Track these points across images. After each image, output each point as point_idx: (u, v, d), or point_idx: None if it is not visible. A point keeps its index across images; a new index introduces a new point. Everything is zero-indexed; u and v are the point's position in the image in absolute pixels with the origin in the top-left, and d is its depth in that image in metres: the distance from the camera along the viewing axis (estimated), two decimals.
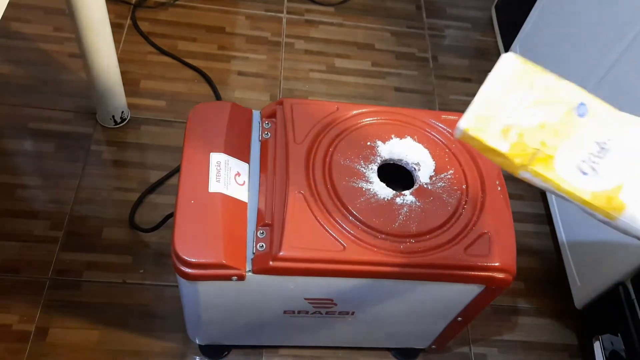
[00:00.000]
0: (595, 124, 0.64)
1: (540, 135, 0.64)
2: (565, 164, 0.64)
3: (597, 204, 0.64)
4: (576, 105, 0.64)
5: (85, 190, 1.47)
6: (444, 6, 2.12)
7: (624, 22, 1.26)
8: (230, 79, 1.76)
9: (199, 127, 0.99)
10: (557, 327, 1.45)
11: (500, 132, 0.64)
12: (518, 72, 0.65)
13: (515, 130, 0.64)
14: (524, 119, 0.64)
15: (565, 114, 0.64)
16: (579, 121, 0.64)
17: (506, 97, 0.65)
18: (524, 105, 0.64)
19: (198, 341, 1.21)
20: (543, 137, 0.64)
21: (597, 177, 0.64)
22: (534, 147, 0.64)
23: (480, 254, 0.91)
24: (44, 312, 1.28)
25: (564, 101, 0.65)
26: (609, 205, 0.63)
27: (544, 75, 0.66)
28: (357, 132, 1.00)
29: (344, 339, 1.24)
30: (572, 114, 0.64)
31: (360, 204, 0.91)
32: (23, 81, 1.64)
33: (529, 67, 0.66)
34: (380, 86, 1.84)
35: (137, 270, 1.36)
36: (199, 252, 0.86)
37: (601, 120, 0.64)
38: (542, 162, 0.64)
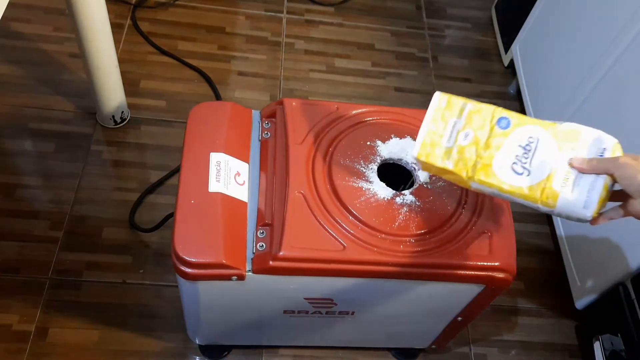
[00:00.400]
0: (517, 132, 0.77)
1: (475, 150, 0.78)
2: (502, 169, 0.76)
3: (535, 197, 0.74)
4: (498, 120, 0.78)
5: (85, 190, 1.47)
6: (444, 6, 2.12)
7: (624, 22, 1.26)
8: (230, 79, 1.76)
9: (199, 127, 0.99)
10: (557, 327, 1.45)
11: (443, 154, 0.80)
12: (446, 104, 0.82)
13: (455, 150, 0.79)
14: (460, 140, 0.79)
15: (491, 129, 0.78)
16: (503, 132, 0.78)
17: (443, 126, 0.81)
18: (457, 128, 0.80)
19: (198, 341, 1.21)
20: (478, 151, 0.78)
21: (529, 174, 0.75)
22: (472, 160, 0.78)
23: (480, 254, 0.91)
24: (44, 312, 1.28)
25: (488, 119, 0.79)
26: (545, 196, 0.74)
27: (467, 103, 0.81)
28: (357, 132, 1.00)
29: (344, 339, 1.24)
30: (495, 127, 0.78)
31: (360, 203, 0.91)
32: (23, 81, 1.64)
33: (454, 99, 0.82)
34: (380, 86, 1.84)
35: (137, 270, 1.36)
36: (199, 252, 0.86)
37: (521, 128, 0.77)
38: (483, 171, 0.77)
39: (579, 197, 0.73)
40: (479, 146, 0.78)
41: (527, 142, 0.76)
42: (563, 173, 0.74)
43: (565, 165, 0.74)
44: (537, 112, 1.63)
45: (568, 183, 0.73)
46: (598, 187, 0.72)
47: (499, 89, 1.91)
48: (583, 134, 0.75)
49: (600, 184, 0.72)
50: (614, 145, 0.74)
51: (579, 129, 0.76)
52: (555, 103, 1.52)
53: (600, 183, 0.72)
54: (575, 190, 0.73)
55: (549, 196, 0.74)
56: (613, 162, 0.70)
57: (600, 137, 0.75)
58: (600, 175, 0.72)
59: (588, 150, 0.74)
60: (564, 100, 1.47)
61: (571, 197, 0.73)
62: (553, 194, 0.73)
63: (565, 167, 0.74)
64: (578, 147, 0.74)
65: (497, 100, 1.87)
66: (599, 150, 0.74)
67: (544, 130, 0.76)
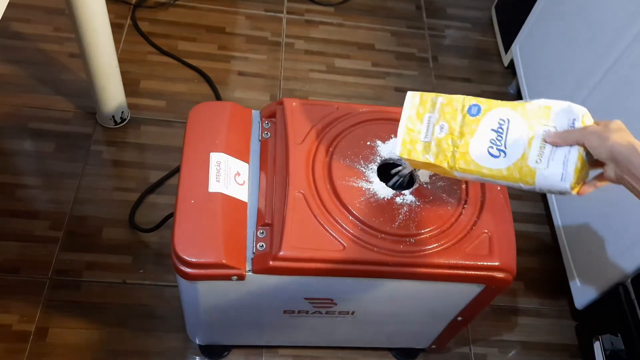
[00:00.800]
0: (488, 116, 0.79)
1: (452, 140, 0.81)
2: (479, 154, 0.79)
3: (514, 177, 0.76)
4: (467, 108, 0.81)
5: (85, 190, 1.47)
6: (444, 6, 2.12)
7: (623, 22, 1.26)
8: (230, 79, 1.76)
9: (199, 127, 0.99)
10: (557, 327, 1.45)
11: (423, 149, 0.83)
12: (419, 102, 0.85)
13: (433, 143, 0.82)
14: (436, 133, 0.82)
15: (463, 118, 0.81)
16: (475, 119, 0.80)
17: (419, 122, 0.84)
18: (432, 122, 0.83)
19: (198, 341, 1.21)
20: (454, 141, 0.80)
21: (505, 156, 0.77)
22: (450, 150, 0.81)
23: (480, 254, 0.91)
24: (44, 312, 1.28)
25: (459, 108, 0.81)
26: (523, 174, 0.76)
27: (438, 97, 0.84)
28: (357, 132, 1.00)
29: (344, 339, 1.24)
30: (467, 116, 0.80)
31: (360, 203, 0.91)
32: (23, 81, 1.64)
33: (425, 95, 0.85)
34: (380, 86, 1.84)
35: (137, 270, 1.36)
36: (199, 251, 0.86)
37: (491, 112, 0.79)
38: (462, 160, 0.80)
39: (555, 170, 0.74)
40: (454, 136, 0.80)
41: (498, 125, 0.78)
42: (536, 150, 0.75)
43: (538, 142, 0.75)
44: None
45: (543, 159, 0.74)
46: (572, 159, 0.73)
47: (499, 89, 1.91)
48: (553, 107, 0.77)
49: (574, 155, 0.73)
50: (584, 114, 0.75)
51: (548, 103, 0.77)
52: None
53: (574, 154, 0.73)
54: (551, 164, 0.74)
55: (526, 174, 0.75)
56: (581, 132, 0.72)
57: (569, 108, 0.76)
58: (573, 147, 0.73)
59: (559, 122, 0.75)
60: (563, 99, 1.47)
61: (547, 172, 0.74)
62: (530, 172, 0.75)
63: (538, 144, 0.75)
64: (550, 121, 0.76)
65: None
66: (569, 121, 0.75)
67: (513, 111, 0.78)
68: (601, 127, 0.71)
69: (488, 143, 0.78)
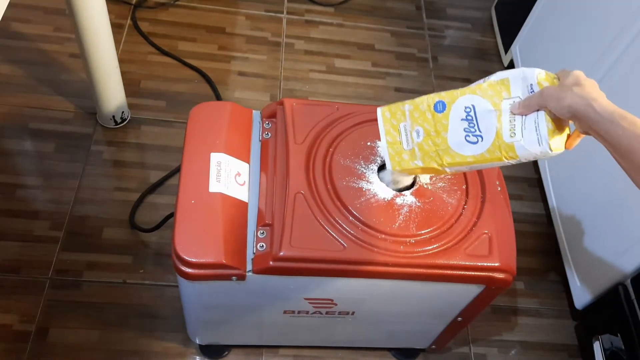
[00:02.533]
0: (453, 108, 0.81)
1: (431, 141, 0.83)
2: (459, 146, 0.81)
3: (498, 156, 0.78)
4: (433, 106, 0.83)
5: (86, 190, 1.47)
6: (444, 6, 2.12)
7: (624, 22, 1.26)
8: (230, 79, 1.76)
9: (199, 127, 0.99)
10: (557, 327, 1.45)
11: (409, 157, 0.86)
12: (390, 114, 0.87)
13: (416, 149, 0.85)
14: (415, 138, 0.85)
15: (433, 117, 0.83)
16: (443, 115, 0.82)
17: (397, 134, 0.87)
18: (408, 130, 0.85)
19: (198, 341, 1.21)
20: (433, 141, 0.83)
21: (482, 139, 0.79)
22: (433, 151, 0.83)
23: (480, 254, 0.91)
24: (44, 312, 1.28)
25: (426, 109, 0.84)
26: (505, 151, 0.77)
27: (405, 104, 0.86)
28: (357, 132, 1.00)
29: (344, 339, 1.24)
30: (435, 114, 0.83)
31: (360, 204, 0.91)
32: (23, 81, 1.64)
33: (393, 106, 0.88)
34: (380, 86, 1.84)
35: (137, 270, 1.36)
36: (199, 252, 0.86)
37: (455, 104, 0.81)
38: (446, 155, 0.82)
39: (531, 137, 0.75)
40: (431, 136, 0.83)
41: (465, 114, 0.80)
42: (507, 124, 0.77)
43: (507, 117, 0.77)
44: None
45: (516, 131, 0.76)
46: (542, 122, 0.74)
47: None
48: (510, 78, 0.77)
49: (542, 118, 0.74)
50: (538, 75, 0.76)
51: (505, 75, 0.78)
52: None
53: (542, 118, 0.74)
54: (525, 134, 0.75)
55: (508, 150, 0.77)
56: (539, 97, 0.72)
57: (524, 74, 0.77)
58: (539, 111, 0.74)
59: (520, 91, 0.76)
60: None
61: (524, 142, 0.75)
62: (509, 147, 0.77)
63: (507, 119, 0.77)
64: (511, 93, 0.77)
65: None
66: (528, 87, 0.76)
67: (475, 96, 0.79)
68: (558, 87, 0.71)
69: (463, 132, 0.80)
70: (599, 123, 0.66)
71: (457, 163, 0.82)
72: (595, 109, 0.66)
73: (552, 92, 0.70)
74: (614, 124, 0.65)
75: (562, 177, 1.50)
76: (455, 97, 0.81)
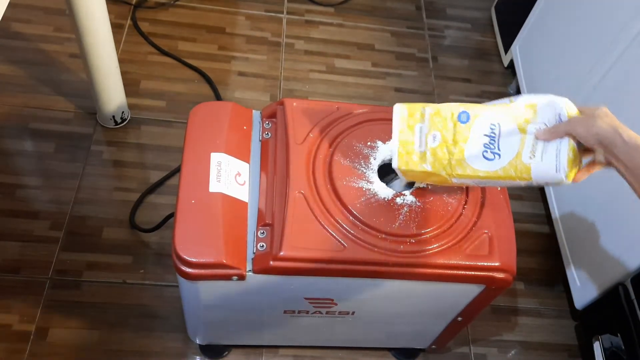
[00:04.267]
0: (478, 122, 0.81)
1: (446, 149, 0.82)
2: (474, 159, 0.81)
3: (511, 175, 0.79)
4: (457, 116, 0.82)
5: (86, 190, 1.47)
6: (444, 6, 2.12)
7: (624, 22, 1.26)
8: (230, 79, 1.76)
9: (200, 127, 0.99)
10: (557, 327, 1.45)
11: (419, 159, 0.85)
12: (408, 113, 0.86)
13: (428, 153, 0.84)
14: (430, 143, 0.84)
15: (454, 126, 0.82)
16: (466, 126, 0.82)
17: (411, 133, 0.85)
18: (424, 132, 0.85)
19: (198, 341, 1.21)
20: (449, 149, 0.82)
21: (500, 157, 0.79)
22: (446, 158, 0.82)
23: (480, 254, 0.91)
24: (44, 312, 1.28)
25: (448, 117, 0.83)
26: (520, 172, 0.78)
27: (426, 107, 0.85)
28: (357, 132, 1.00)
29: (344, 339, 1.24)
30: (458, 123, 0.82)
31: (360, 204, 0.91)
32: (23, 81, 1.64)
33: (413, 105, 0.87)
34: (380, 86, 1.84)
35: (137, 270, 1.36)
36: (200, 251, 0.86)
37: (480, 118, 0.81)
38: (458, 166, 0.82)
39: (549, 163, 0.76)
40: (448, 144, 0.82)
41: (490, 130, 0.80)
42: (529, 147, 0.78)
43: (530, 139, 0.78)
44: None
45: (536, 154, 0.77)
46: (564, 150, 0.76)
47: (499, 89, 1.91)
48: (538, 104, 0.79)
49: (565, 146, 0.76)
50: (566, 105, 0.78)
51: (532, 101, 0.80)
52: None
53: (565, 145, 0.76)
54: (545, 158, 0.77)
55: (522, 171, 0.78)
56: (569, 123, 0.75)
57: (552, 102, 0.78)
58: (563, 139, 0.76)
59: (547, 118, 0.78)
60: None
61: (542, 166, 0.77)
62: (525, 168, 0.78)
63: (530, 141, 0.78)
64: (537, 118, 0.78)
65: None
66: (555, 115, 0.77)
67: (502, 115, 0.80)
68: (586, 116, 0.74)
69: (482, 147, 0.80)
70: (625, 150, 0.69)
71: (468, 176, 0.82)
72: (622, 136, 0.70)
73: (582, 120, 0.74)
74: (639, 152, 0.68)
75: None
76: (482, 111, 0.81)
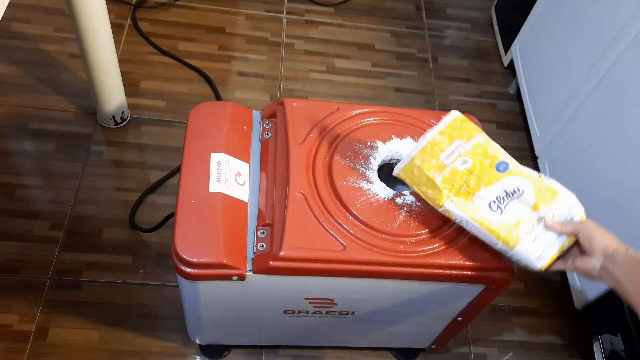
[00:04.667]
0: (510, 179, 0.84)
1: (466, 178, 0.84)
2: (480, 201, 0.83)
3: (499, 234, 0.82)
4: (498, 162, 0.85)
5: (86, 190, 1.47)
6: (444, 6, 2.12)
7: (624, 22, 1.26)
8: (230, 79, 1.76)
9: (200, 127, 0.99)
10: (557, 327, 1.45)
11: (436, 167, 0.85)
12: (460, 125, 0.87)
13: (448, 169, 0.85)
14: (457, 163, 0.85)
15: (489, 167, 0.85)
16: (498, 174, 0.84)
17: (447, 142, 0.86)
18: (458, 152, 0.85)
19: (198, 341, 1.21)
20: (467, 179, 0.84)
21: (501, 214, 0.83)
22: (459, 185, 0.84)
23: (480, 254, 0.91)
24: (44, 312, 1.28)
25: (490, 157, 0.85)
26: (509, 236, 0.81)
27: (478, 134, 0.87)
28: (357, 132, 1.00)
29: (344, 339, 1.24)
30: (493, 167, 0.84)
31: (360, 204, 0.91)
32: (23, 81, 1.64)
33: (470, 124, 0.88)
34: (380, 86, 1.84)
35: (137, 270, 1.36)
36: (200, 251, 0.86)
37: (514, 177, 0.84)
38: (463, 197, 0.84)
39: (537, 248, 0.81)
40: (471, 176, 0.84)
41: (512, 190, 0.83)
42: (530, 224, 0.82)
43: (534, 218, 0.82)
44: (536, 113, 1.63)
45: (532, 234, 0.81)
46: (556, 246, 0.81)
47: (499, 89, 1.91)
48: (559, 195, 0.83)
49: (560, 242, 0.81)
50: (582, 214, 0.83)
51: (557, 189, 0.84)
52: (555, 103, 1.52)
53: (560, 242, 0.81)
54: (537, 241, 0.81)
55: (511, 238, 0.81)
56: (581, 224, 0.80)
57: (571, 204, 0.83)
58: (562, 236, 0.81)
59: (559, 212, 0.82)
60: (563, 101, 1.47)
61: (529, 246, 0.81)
62: (516, 238, 0.81)
63: (533, 219, 0.82)
64: (551, 206, 0.82)
65: (497, 100, 1.87)
66: (568, 216, 0.83)
67: (531, 186, 0.83)
68: (597, 225, 0.79)
69: (494, 198, 0.83)
70: (623, 264, 0.73)
71: (463, 211, 0.84)
72: (628, 252, 0.75)
73: (593, 225, 0.78)
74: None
75: (561, 177, 1.49)
76: (519, 173, 0.84)
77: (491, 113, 1.84)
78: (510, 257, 0.84)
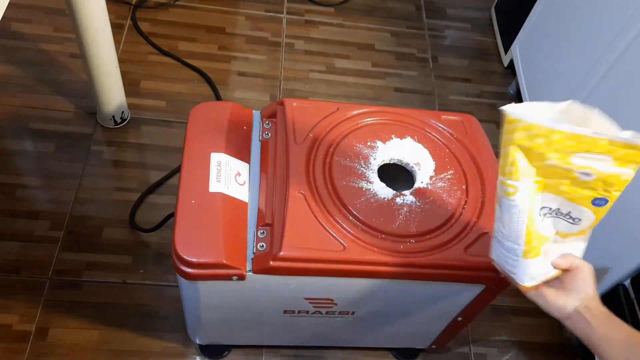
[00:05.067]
0: (581, 209, 0.73)
1: (566, 180, 0.69)
2: (538, 201, 0.71)
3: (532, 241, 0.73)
4: (597, 198, 0.71)
5: (86, 190, 1.47)
6: (444, 6, 2.12)
7: (624, 22, 1.26)
8: (230, 79, 1.76)
9: (200, 127, 0.99)
10: (557, 327, 1.45)
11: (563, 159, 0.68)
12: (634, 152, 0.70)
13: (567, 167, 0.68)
14: (579, 172, 0.68)
15: (592, 195, 0.71)
16: (600, 210, 0.73)
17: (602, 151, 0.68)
18: (597, 167, 0.68)
19: (198, 341, 1.21)
20: (561, 185, 0.70)
21: (541, 222, 0.73)
22: (555, 178, 0.69)
23: (480, 254, 0.91)
24: (44, 312, 1.28)
25: (606, 192, 0.71)
26: (535, 246, 0.73)
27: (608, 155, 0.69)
28: (357, 132, 1.00)
29: (344, 339, 1.24)
30: (594, 202, 0.72)
31: (360, 204, 0.91)
32: (23, 81, 1.64)
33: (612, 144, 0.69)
34: (380, 86, 1.84)
35: (137, 270, 1.36)
36: (200, 251, 0.86)
37: (582, 207, 0.73)
38: (536, 189, 0.70)
39: (539, 268, 0.75)
40: (570, 185, 0.70)
41: (568, 212, 0.74)
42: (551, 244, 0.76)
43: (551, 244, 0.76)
44: None
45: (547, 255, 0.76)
46: (550, 272, 0.76)
47: (499, 89, 1.91)
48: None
49: (555, 271, 0.76)
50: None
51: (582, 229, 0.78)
52: None
53: (551, 273, 0.76)
54: (544, 262, 0.76)
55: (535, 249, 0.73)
56: (585, 264, 0.78)
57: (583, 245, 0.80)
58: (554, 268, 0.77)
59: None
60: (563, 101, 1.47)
61: (538, 264, 0.75)
62: (536, 252, 0.74)
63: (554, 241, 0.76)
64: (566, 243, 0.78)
65: (497, 100, 1.87)
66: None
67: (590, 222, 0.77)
68: (592, 272, 0.79)
69: (549, 206, 0.73)
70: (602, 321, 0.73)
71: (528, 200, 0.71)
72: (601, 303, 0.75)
73: (590, 270, 0.78)
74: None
75: None
76: (600, 215, 0.75)
77: (491, 113, 1.84)
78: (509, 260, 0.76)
